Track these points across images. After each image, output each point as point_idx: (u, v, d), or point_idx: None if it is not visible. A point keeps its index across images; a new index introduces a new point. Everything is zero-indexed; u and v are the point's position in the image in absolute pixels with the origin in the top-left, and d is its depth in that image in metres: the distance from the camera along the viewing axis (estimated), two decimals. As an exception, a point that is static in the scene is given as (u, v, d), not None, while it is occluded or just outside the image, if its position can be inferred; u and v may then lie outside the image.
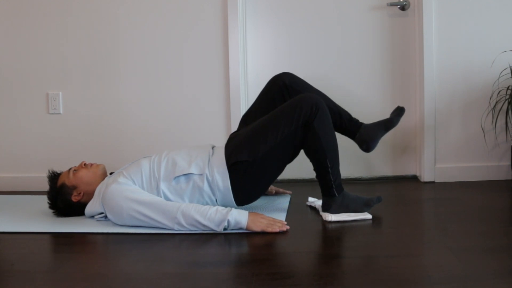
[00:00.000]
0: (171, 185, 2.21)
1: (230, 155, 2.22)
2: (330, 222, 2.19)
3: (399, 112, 2.40)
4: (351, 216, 2.21)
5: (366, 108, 3.03)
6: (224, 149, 2.27)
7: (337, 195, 2.24)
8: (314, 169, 2.26)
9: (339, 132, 2.44)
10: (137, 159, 2.36)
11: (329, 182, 2.22)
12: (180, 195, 2.22)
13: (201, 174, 2.21)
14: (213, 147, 2.37)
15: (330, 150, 2.19)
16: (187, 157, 2.27)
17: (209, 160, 2.25)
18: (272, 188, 2.68)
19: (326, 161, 2.19)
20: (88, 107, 3.12)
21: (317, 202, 2.41)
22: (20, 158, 3.17)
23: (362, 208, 2.25)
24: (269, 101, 2.43)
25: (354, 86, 3.07)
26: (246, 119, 2.47)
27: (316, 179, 2.27)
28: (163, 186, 2.21)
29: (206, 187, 2.21)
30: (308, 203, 2.50)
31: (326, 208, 2.25)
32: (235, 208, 2.18)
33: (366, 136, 2.37)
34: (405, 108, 3.03)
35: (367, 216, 2.22)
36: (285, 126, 2.18)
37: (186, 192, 2.21)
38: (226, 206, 2.26)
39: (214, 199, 2.23)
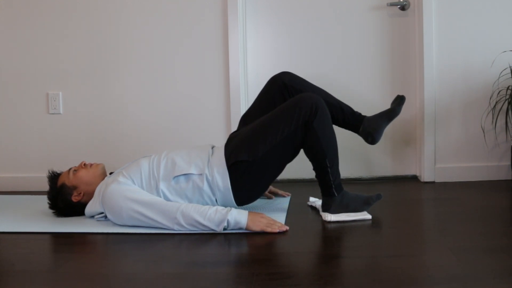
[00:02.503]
0: (170, 185, 2.21)
1: (230, 155, 2.22)
2: (330, 222, 2.20)
3: (400, 101, 2.38)
4: (351, 216, 2.21)
5: (366, 109, 3.02)
6: (224, 149, 2.27)
7: (336, 195, 2.23)
8: (314, 169, 2.25)
9: (342, 127, 2.43)
10: (137, 159, 2.36)
11: (328, 182, 2.22)
12: (179, 195, 2.22)
13: (200, 174, 2.21)
14: (212, 147, 2.37)
15: (329, 150, 2.19)
16: (186, 157, 2.27)
17: (208, 160, 2.25)
18: (271, 189, 2.68)
19: (325, 161, 2.19)
20: (88, 107, 3.12)
21: (317, 202, 2.41)
22: (20, 158, 3.17)
23: (362, 207, 2.25)
24: (268, 101, 2.43)
25: (354, 86, 3.07)
26: (246, 119, 2.47)
27: (316, 179, 2.28)
28: (162, 186, 2.21)
29: (206, 187, 2.20)
30: (309, 203, 2.50)
31: (326, 208, 2.25)
32: (235, 208, 2.18)
33: (370, 128, 2.36)
34: (405, 108, 3.04)
35: (367, 216, 2.22)
36: (285, 126, 2.17)
37: (186, 192, 2.21)
38: (226, 206, 2.27)
39: (214, 199, 2.23)
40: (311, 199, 2.51)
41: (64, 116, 3.14)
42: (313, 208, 2.45)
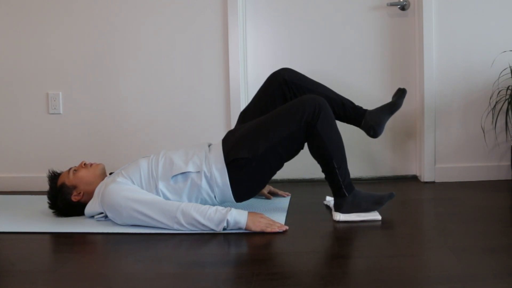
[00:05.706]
0: (169, 184, 2.21)
1: (229, 152, 2.22)
2: (339, 221, 2.19)
3: (401, 94, 2.38)
4: (361, 217, 2.20)
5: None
6: (221, 146, 2.27)
7: (347, 195, 2.22)
8: (322, 171, 2.24)
9: (344, 121, 2.43)
10: (136, 159, 2.36)
11: (338, 183, 2.21)
12: (178, 194, 2.22)
13: (198, 172, 2.20)
14: (209, 145, 2.37)
15: (335, 151, 2.18)
16: (184, 156, 2.27)
17: (206, 157, 2.24)
18: (270, 189, 2.68)
19: (332, 162, 2.18)
20: (88, 107, 3.12)
21: (332, 201, 2.39)
22: (20, 158, 3.17)
23: (373, 206, 2.23)
24: (268, 98, 2.42)
25: (354, 86, 3.07)
26: (245, 116, 2.46)
27: (324, 180, 2.26)
28: (161, 186, 2.21)
29: (204, 184, 2.20)
30: (325, 202, 2.49)
31: (338, 208, 2.24)
32: (234, 203, 2.16)
33: (372, 121, 2.36)
34: (405, 107, 3.04)
35: (377, 217, 2.20)
36: (287, 126, 2.17)
37: (184, 190, 2.21)
38: (225, 202, 2.27)
39: (213, 196, 2.23)
40: (327, 198, 2.49)
41: (64, 116, 3.14)
42: (328, 207, 2.44)
